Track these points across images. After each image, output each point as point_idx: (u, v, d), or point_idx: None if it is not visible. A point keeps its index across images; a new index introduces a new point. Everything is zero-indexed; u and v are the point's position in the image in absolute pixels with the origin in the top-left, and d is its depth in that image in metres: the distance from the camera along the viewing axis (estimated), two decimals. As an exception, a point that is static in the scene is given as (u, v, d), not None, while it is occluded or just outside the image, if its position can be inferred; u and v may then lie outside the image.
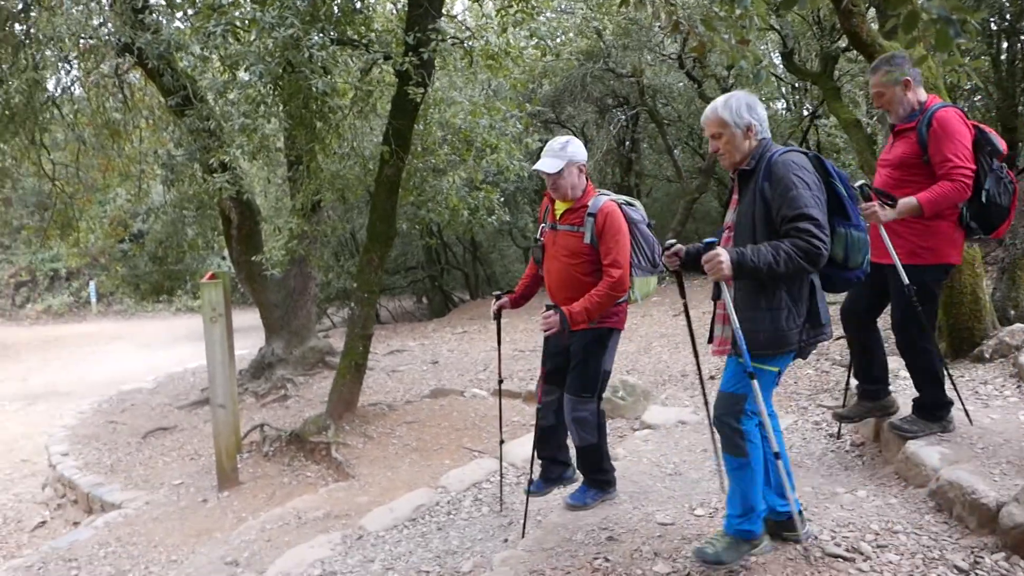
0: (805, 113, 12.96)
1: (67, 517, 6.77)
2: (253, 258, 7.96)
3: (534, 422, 3.88)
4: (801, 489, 3.29)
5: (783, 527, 2.67)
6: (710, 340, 2.72)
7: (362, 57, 6.17)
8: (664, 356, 7.51)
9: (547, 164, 3.16)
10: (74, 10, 6.83)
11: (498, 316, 3.51)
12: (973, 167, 3.04)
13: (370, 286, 6.29)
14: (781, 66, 12.05)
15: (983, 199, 3.08)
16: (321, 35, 4.93)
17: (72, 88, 8.67)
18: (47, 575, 4.66)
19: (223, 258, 15.71)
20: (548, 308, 3.12)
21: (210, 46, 5.44)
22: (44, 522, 6.78)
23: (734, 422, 2.48)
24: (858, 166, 8.39)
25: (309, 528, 4.52)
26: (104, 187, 10.75)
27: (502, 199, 7.62)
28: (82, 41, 7.53)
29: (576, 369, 3.22)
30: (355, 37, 5.87)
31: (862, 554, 2.59)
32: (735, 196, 2.65)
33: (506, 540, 3.56)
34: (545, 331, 3.17)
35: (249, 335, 12.77)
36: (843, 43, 8.60)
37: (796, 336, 2.42)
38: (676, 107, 14.12)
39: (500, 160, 6.21)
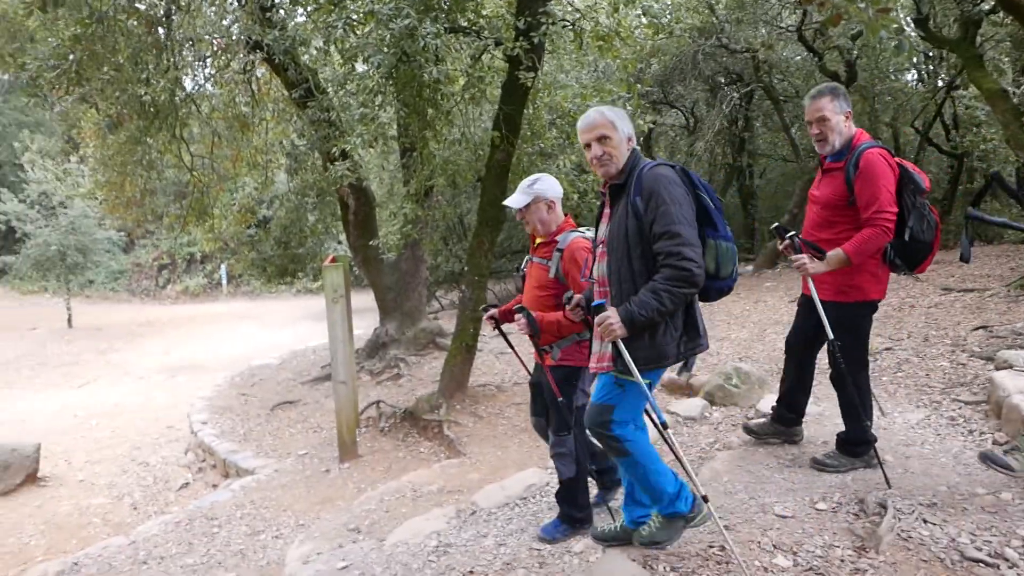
0: (940, 84, 11.94)
1: (207, 480, 7.40)
2: (370, 242, 8.31)
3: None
4: (935, 488, 3.09)
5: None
6: (589, 355, 2.73)
7: (473, 44, 6.26)
8: (779, 344, 7.19)
9: (514, 200, 3.25)
10: (209, 11, 7.34)
11: (498, 325, 3.50)
12: (894, 211, 3.10)
13: (481, 269, 6.43)
14: (913, 33, 11.14)
15: (906, 237, 3.14)
16: (435, 24, 5.04)
17: (206, 85, 9.35)
18: (193, 530, 5.12)
19: (339, 242, 16.49)
20: (518, 310, 3.16)
21: (331, 40, 5.71)
22: (187, 483, 7.45)
23: (605, 432, 2.56)
24: (1003, 140, 7.66)
25: (424, 501, 4.72)
26: (234, 176, 11.53)
27: (610, 182, 7.54)
28: (216, 41, 8.10)
29: (551, 409, 3.35)
30: (466, 24, 5.97)
31: (1007, 560, 2.42)
32: (607, 210, 2.64)
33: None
34: (518, 331, 3.23)
35: (365, 316, 13.38)
36: (986, 5, 7.84)
37: (674, 350, 2.48)
38: (793, 82, 13.39)
39: (610, 142, 6.15)
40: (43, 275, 21.44)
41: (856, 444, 3.45)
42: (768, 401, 5.04)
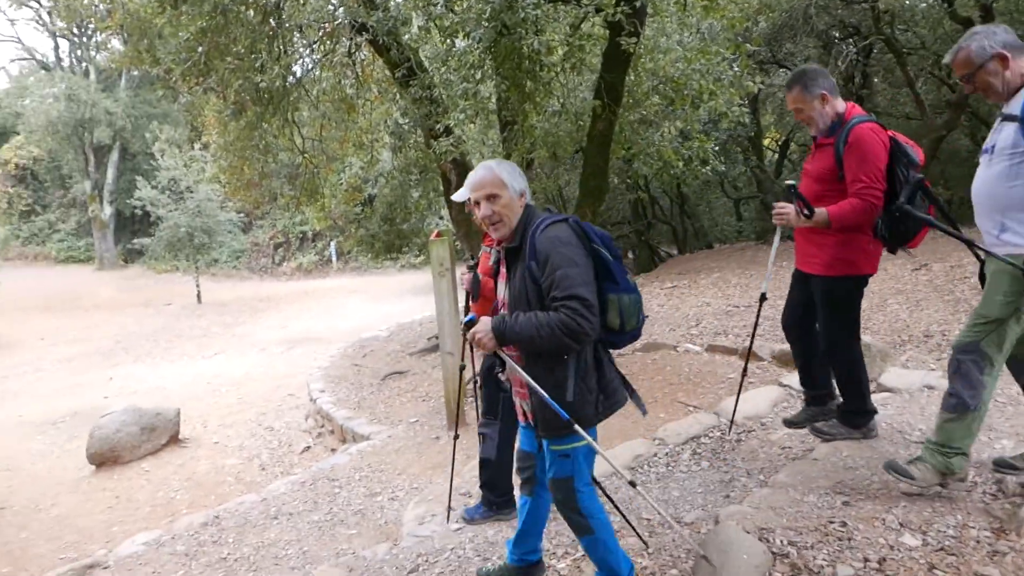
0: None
1: (326, 444, 7.88)
2: (472, 216, 8.45)
3: (741, 378, 3.86)
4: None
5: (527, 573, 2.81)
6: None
7: (572, 12, 6.17)
8: (902, 315, 6.78)
9: (459, 195, 3.13)
10: (316, -2, 7.60)
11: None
12: (882, 186, 3.08)
13: (582, 241, 6.39)
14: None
15: (895, 212, 3.06)
16: (534, -6, 5.00)
17: (315, 70, 9.73)
18: (317, 490, 5.49)
19: (440, 218, 16.86)
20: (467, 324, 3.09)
21: (431, 17, 5.79)
22: (309, 447, 7.96)
23: (574, 505, 2.44)
24: None
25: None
26: (342, 157, 12.00)
27: (716, 148, 7.27)
28: (323, 27, 8.39)
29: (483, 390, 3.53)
30: (566, -8, 5.89)
31: None
32: (503, 271, 2.54)
33: (728, 496, 3.52)
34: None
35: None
36: None
37: (592, 410, 2.36)
38: (919, 32, 12.35)
39: (717, 107, 5.92)
40: (174, 255, 23.25)
41: (856, 414, 3.51)
42: (890, 375, 4.78)
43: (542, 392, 2.31)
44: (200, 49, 6.04)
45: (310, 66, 9.76)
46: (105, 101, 29.95)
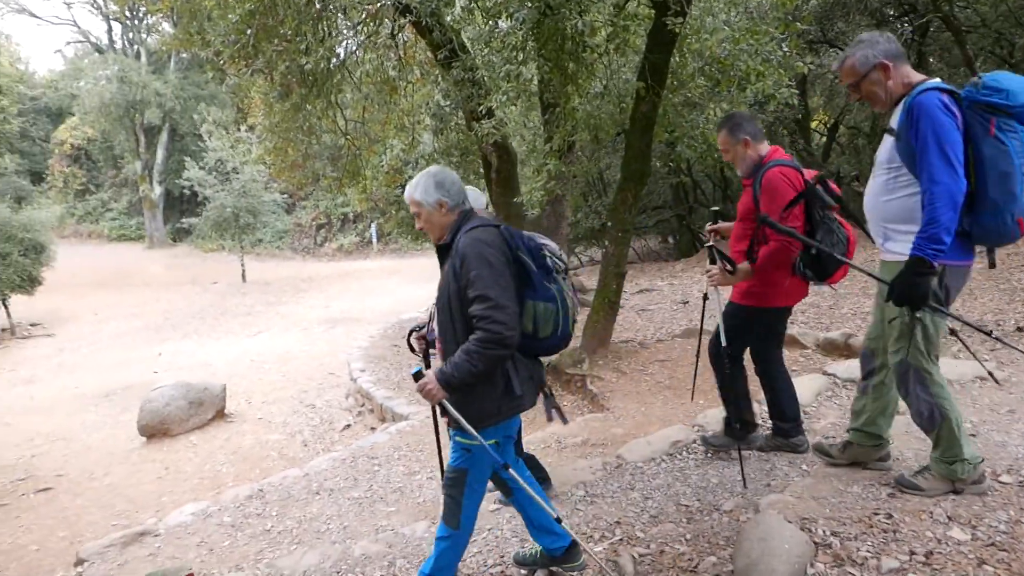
0: None
1: (365, 422, 8.02)
2: (512, 199, 8.43)
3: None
4: None
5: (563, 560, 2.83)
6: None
7: (617, -8, 6.06)
8: (955, 304, 6.58)
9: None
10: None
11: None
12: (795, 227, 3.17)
13: (624, 224, 6.35)
14: None
15: (812, 251, 3.14)
16: (579, -26, 4.93)
17: (357, 52, 9.78)
18: (357, 467, 5.60)
19: (481, 201, 16.85)
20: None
21: (474, -2, 5.75)
22: (349, 425, 8.12)
23: (458, 496, 2.57)
24: None
25: (569, 453, 4.83)
26: (383, 139, 12.08)
27: (763, 130, 7.08)
28: (366, 8, 8.42)
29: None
30: (611, -28, 5.78)
31: None
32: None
33: (768, 485, 3.48)
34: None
35: (505, 272, 13.68)
36: None
37: (494, 409, 2.46)
38: (979, 9, 11.81)
39: (765, 88, 5.76)
40: (220, 234, 23.81)
41: (730, 424, 3.79)
42: (941, 366, 4.65)
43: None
44: (249, 31, 6.12)
45: (353, 48, 9.83)
46: (155, 83, 30.68)
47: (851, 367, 4.90)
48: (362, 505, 4.82)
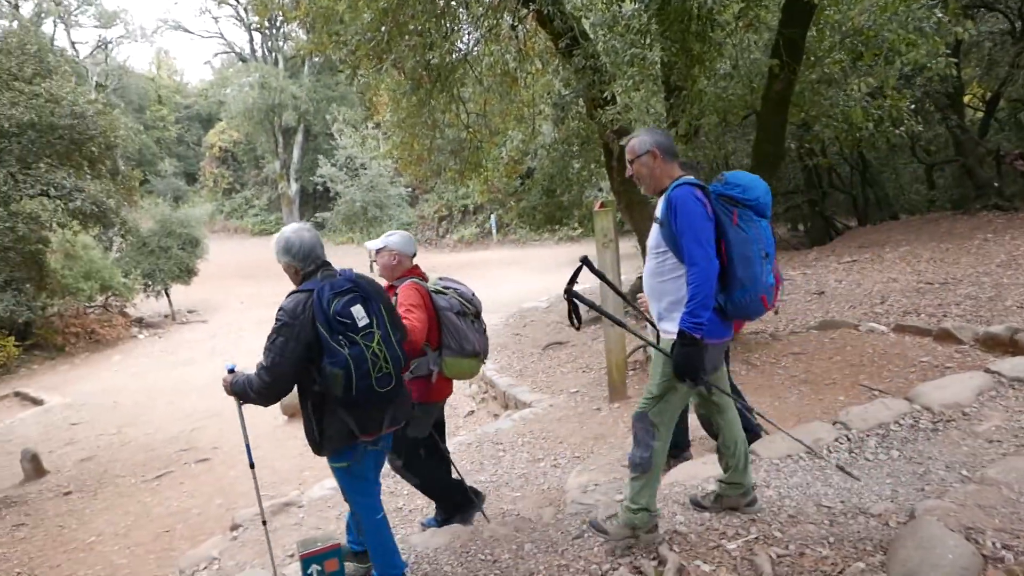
0: None
1: (489, 409, 8.18)
2: (633, 187, 8.27)
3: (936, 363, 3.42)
4: None
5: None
6: None
7: (748, -35, 5.76)
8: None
9: (370, 243, 3.85)
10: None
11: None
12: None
13: (759, 211, 6.04)
14: None
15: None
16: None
17: (478, 46, 9.94)
18: (482, 451, 5.72)
19: (600, 189, 16.71)
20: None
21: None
22: (473, 411, 8.31)
23: (352, 508, 3.04)
24: None
25: (695, 447, 4.69)
26: (503, 130, 12.22)
27: (912, 106, 6.50)
28: (488, 1, 8.52)
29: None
30: (743, -56, 5.50)
31: None
32: None
33: (922, 490, 3.21)
34: None
35: (627, 261, 13.48)
36: None
37: (330, 444, 2.81)
38: None
39: (917, 58, 5.27)
40: (350, 227, 25.11)
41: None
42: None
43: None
44: (383, 28, 6.37)
45: (474, 42, 9.99)
46: (291, 87, 32.78)
47: (1017, 365, 4.43)
48: (487, 489, 4.92)
